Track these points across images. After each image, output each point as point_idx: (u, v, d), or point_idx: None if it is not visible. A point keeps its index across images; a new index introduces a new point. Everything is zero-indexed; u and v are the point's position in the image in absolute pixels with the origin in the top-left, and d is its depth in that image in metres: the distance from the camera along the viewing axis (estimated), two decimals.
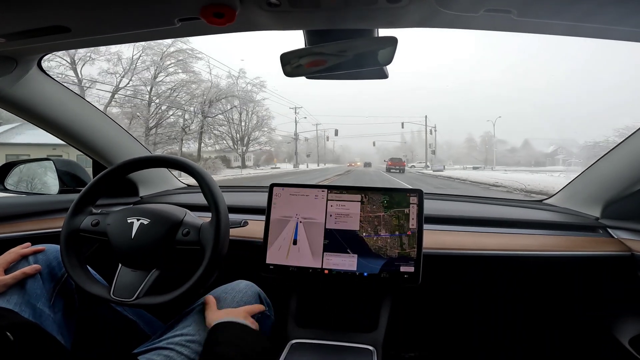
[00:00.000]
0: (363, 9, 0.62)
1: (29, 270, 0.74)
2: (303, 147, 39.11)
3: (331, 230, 0.93)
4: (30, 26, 0.67)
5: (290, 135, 30.70)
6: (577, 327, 1.16)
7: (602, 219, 1.10)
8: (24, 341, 0.50)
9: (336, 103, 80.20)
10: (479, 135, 39.82)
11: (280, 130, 32.70)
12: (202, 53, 19.59)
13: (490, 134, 37.29)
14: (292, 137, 30.70)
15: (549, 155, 37.15)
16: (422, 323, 1.30)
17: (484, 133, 38.78)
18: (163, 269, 0.77)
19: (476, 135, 46.57)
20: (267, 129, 23.48)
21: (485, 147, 37.68)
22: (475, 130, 64.60)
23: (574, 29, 0.65)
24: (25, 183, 1.26)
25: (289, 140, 31.86)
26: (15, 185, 1.20)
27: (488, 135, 37.60)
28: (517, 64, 76.45)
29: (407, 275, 0.89)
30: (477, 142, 39.22)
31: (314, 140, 46.02)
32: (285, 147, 35.03)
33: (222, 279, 0.88)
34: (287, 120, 30.39)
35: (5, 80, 0.88)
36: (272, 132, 24.30)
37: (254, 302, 0.84)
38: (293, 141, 30.80)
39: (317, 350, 0.84)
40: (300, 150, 37.40)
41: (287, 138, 30.73)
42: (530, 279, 1.11)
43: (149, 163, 0.87)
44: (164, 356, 0.68)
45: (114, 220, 0.80)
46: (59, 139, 1.14)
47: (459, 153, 44.36)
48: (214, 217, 0.76)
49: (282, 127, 43.98)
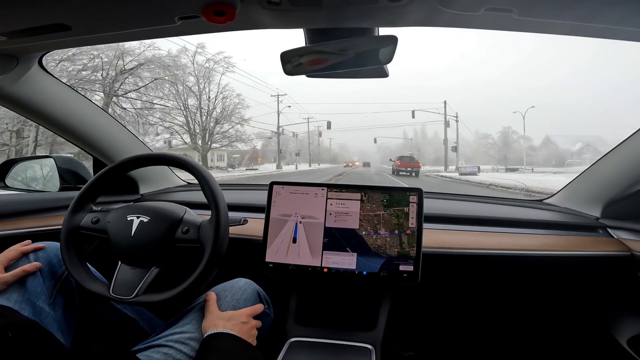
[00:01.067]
0: (364, 7, 0.62)
1: (29, 267, 0.74)
2: (294, 145, 35.89)
3: (331, 228, 0.93)
4: (31, 24, 0.67)
5: (275, 130, 25.64)
6: (576, 326, 1.16)
7: (602, 219, 1.10)
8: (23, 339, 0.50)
9: (335, 103, 79.05)
10: (497, 131, 34.18)
11: (263, 123, 29.14)
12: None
13: (510, 130, 32.75)
14: (272, 132, 25.86)
15: (575, 153, 32.84)
16: (421, 322, 1.30)
17: (502, 128, 33.48)
18: (163, 266, 0.78)
19: (493, 131, 41.10)
20: (237, 120, 18.79)
21: (505, 145, 32.43)
22: (489, 126, 59.49)
23: (576, 28, 0.64)
24: (26, 180, 1.26)
25: (270, 135, 27.23)
26: (16, 183, 1.20)
27: (507, 130, 32.81)
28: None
29: (406, 274, 0.89)
30: (494, 139, 33.66)
31: (314, 138, 41.40)
32: (273, 146, 31.05)
33: (221, 276, 0.88)
34: (270, 111, 25.57)
35: (6, 78, 0.88)
36: (244, 124, 19.26)
37: (254, 300, 0.84)
38: (274, 137, 26.08)
39: (316, 349, 0.84)
40: (291, 149, 34.57)
41: (270, 133, 26.19)
42: (530, 278, 1.11)
43: (149, 161, 0.87)
44: (163, 354, 0.68)
45: (114, 217, 0.80)
46: (59, 136, 1.14)
47: (474, 151, 39.18)
48: (213, 215, 0.77)
49: (266, 120, 37.99)
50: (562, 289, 1.13)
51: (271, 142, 31.62)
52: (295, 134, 33.23)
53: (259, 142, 31.56)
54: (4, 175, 1.17)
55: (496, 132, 34.21)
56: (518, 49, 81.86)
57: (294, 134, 33.18)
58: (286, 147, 34.75)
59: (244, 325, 0.73)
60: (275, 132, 25.55)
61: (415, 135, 49.23)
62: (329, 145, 56.38)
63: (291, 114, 54.25)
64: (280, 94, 25.20)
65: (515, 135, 32.59)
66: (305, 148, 37.75)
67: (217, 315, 0.74)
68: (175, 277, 0.78)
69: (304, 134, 35.49)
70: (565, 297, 1.15)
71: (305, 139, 36.75)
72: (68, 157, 1.28)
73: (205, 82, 17.79)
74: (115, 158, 1.22)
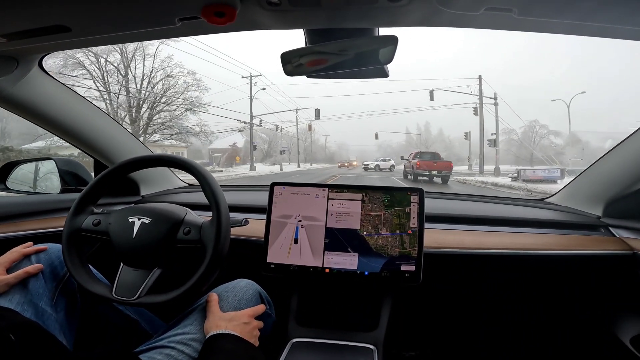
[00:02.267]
0: (363, 8, 0.62)
1: (31, 269, 0.74)
2: (286, 142, 31.70)
3: (332, 229, 0.93)
4: (31, 26, 0.67)
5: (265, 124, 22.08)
6: (578, 326, 1.16)
7: (604, 218, 1.09)
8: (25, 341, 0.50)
9: (330, 95, 76.77)
10: (520, 127, 27.92)
11: (241, 113, 25.43)
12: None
13: (537, 124, 27.16)
14: (243, 123, 21.07)
15: (605, 150, 28.54)
16: (423, 322, 1.30)
17: (527, 122, 27.75)
18: (164, 268, 0.78)
19: (516, 125, 33.28)
20: (182, 100, 14.35)
21: (534, 141, 26.75)
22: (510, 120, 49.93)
23: (577, 27, 0.64)
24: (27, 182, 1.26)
25: (241, 128, 22.34)
26: (17, 185, 1.20)
27: (534, 125, 27.30)
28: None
29: (408, 274, 0.89)
30: (518, 134, 27.47)
31: (306, 135, 36.22)
32: (262, 143, 27.68)
33: (223, 277, 0.88)
34: (243, 96, 21.24)
35: (6, 80, 0.88)
36: (200, 111, 15.10)
37: (255, 301, 0.84)
38: (245, 131, 21.92)
39: (318, 349, 0.84)
40: (281, 147, 30.10)
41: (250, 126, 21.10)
42: (532, 278, 1.10)
43: (150, 162, 0.87)
44: (165, 355, 0.68)
45: (115, 219, 0.80)
46: (60, 138, 1.14)
47: (492, 150, 36.74)
48: (214, 216, 0.77)
49: (244, 109, 33.54)
50: (564, 288, 1.13)
51: (258, 140, 27.72)
52: (279, 127, 27.94)
53: (242, 138, 27.84)
54: (5, 178, 1.17)
55: (519, 127, 28.00)
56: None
57: (277, 128, 27.83)
58: (273, 144, 31.22)
59: (246, 325, 0.73)
60: (244, 123, 20.67)
61: (419, 131, 43.32)
62: (325, 143, 51.03)
63: (276, 103, 45.33)
64: (255, 74, 20.50)
65: (545, 130, 27.55)
66: (295, 145, 32.31)
67: (219, 316, 0.74)
68: (177, 278, 0.78)
69: (292, 126, 30.60)
70: (567, 296, 1.15)
71: (296, 135, 32.19)
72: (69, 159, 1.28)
73: (133, 56, 13.75)
74: (115, 160, 1.23)
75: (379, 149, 54.80)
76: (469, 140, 21.65)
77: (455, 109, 22.64)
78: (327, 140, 51.48)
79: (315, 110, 21.67)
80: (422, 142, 38.65)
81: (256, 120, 21.92)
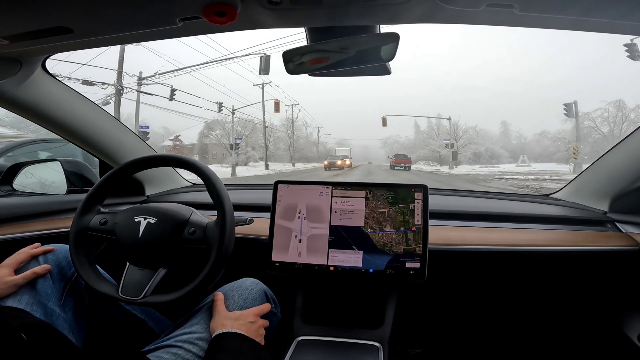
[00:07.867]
0: (364, 5, 0.61)
1: (39, 270, 0.75)
2: (280, 138, 28.28)
3: (336, 226, 0.93)
4: (33, 27, 0.67)
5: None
6: (585, 322, 1.16)
7: (610, 213, 1.08)
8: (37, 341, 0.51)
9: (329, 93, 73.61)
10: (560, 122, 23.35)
11: (210, 102, 19.20)
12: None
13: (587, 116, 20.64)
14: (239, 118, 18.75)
15: None
16: (428, 319, 1.30)
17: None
18: (170, 267, 0.78)
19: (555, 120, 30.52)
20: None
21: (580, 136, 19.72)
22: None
23: (578, 23, 0.63)
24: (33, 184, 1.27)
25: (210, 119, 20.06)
26: (24, 186, 1.21)
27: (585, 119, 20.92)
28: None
29: (412, 271, 0.89)
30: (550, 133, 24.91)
31: (307, 130, 33.29)
32: (251, 140, 24.05)
33: (228, 276, 0.89)
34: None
35: (10, 82, 0.89)
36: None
37: (261, 300, 0.85)
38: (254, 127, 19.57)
39: (324, 347, 0.85)
40: (276, 144, 26.91)
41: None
42: (537, 274, 1.10)
43: (154, 162, 0.88)
44: (172, 354, 0.69)
45: (121, 219, 0.81)
46: (65, 139, 1.15)
47: (531, 150, 31.17)
48: (219, 216, 0.77)
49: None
50: (570, 284, 1.12)
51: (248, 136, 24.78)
52: (271, 124, 23.98)
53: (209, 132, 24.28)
54: (12, 179, 1.18)
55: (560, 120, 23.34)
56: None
57: (269, 124, 24.01)
58: (259, 139, 27.29)
59: (252, 324, 0.74)
60: (215, 111, 16.63)
61: (425, 128, 37.29)
62: (317, 138, 40.85)
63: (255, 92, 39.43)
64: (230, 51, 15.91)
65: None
66: (261, 134, 25.27)
67: (224, 315, 0.74)
68: (182, 277, 0.79)
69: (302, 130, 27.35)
70: (573, 292, 1.14)
71: (289, 129, 28.28)
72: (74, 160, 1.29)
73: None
74: (120, 160, 1.23)
75: (384, 145, 48.68)
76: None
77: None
78: (321, 134, 42.24)
79: (261, 59, 13.01)
80: (451, 129, 30.07)
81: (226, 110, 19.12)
